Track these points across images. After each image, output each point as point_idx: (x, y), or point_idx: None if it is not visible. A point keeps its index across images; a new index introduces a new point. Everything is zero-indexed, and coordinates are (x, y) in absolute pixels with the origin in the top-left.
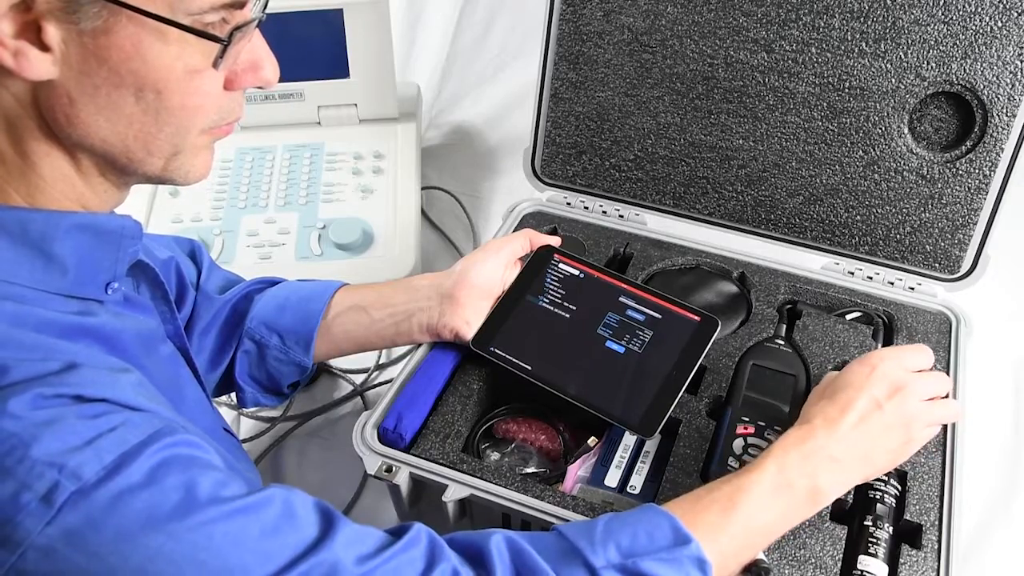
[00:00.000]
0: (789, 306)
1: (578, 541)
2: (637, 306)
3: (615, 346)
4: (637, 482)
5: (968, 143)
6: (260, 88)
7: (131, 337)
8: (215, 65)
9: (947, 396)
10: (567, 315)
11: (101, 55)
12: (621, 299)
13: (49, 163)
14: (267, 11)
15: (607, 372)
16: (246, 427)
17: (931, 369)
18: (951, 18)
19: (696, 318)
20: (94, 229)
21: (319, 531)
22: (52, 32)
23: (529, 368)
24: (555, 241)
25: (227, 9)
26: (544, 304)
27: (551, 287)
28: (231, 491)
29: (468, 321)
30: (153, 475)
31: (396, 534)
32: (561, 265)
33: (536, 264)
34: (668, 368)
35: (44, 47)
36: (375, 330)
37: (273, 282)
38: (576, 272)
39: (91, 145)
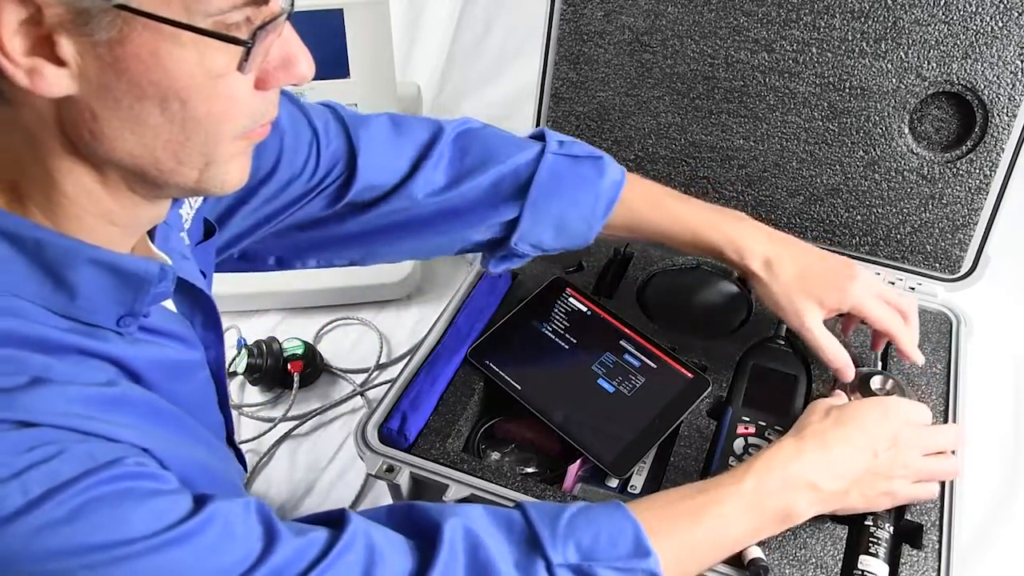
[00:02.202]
0: None
1: (541, 530)
2: (635, 352)
3: (606, 385)
4: (637, 482)
5: (968, 143)
6: (295, 85)
7: (145, 364)
8: (241, 68)
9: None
10: (566, 346)
11: (119, 66)
12: (621, 343)
13: (72, 180)
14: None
15: (593, 408)
16: (246, 427)
17: (935, 421)
18: (952, 18)
19: (689, 375)
20: (113, 269)
21: (262, 546)
22: (66, 46)
23: (519, 388)
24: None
25: (251, 6)
26: (547, 332)
27: (557, 317)
28: (168, 519)
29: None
30: (78, 512)
31: (332, 525)
32: (571, 299)
33: (547, 292)
34: (651, 417)
35: (60, 62)
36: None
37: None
38: (584, 309)
39: (119, 160)
